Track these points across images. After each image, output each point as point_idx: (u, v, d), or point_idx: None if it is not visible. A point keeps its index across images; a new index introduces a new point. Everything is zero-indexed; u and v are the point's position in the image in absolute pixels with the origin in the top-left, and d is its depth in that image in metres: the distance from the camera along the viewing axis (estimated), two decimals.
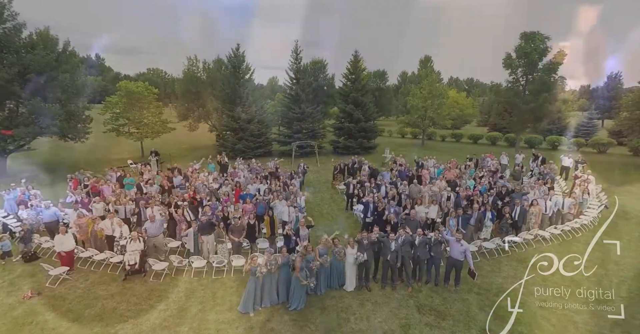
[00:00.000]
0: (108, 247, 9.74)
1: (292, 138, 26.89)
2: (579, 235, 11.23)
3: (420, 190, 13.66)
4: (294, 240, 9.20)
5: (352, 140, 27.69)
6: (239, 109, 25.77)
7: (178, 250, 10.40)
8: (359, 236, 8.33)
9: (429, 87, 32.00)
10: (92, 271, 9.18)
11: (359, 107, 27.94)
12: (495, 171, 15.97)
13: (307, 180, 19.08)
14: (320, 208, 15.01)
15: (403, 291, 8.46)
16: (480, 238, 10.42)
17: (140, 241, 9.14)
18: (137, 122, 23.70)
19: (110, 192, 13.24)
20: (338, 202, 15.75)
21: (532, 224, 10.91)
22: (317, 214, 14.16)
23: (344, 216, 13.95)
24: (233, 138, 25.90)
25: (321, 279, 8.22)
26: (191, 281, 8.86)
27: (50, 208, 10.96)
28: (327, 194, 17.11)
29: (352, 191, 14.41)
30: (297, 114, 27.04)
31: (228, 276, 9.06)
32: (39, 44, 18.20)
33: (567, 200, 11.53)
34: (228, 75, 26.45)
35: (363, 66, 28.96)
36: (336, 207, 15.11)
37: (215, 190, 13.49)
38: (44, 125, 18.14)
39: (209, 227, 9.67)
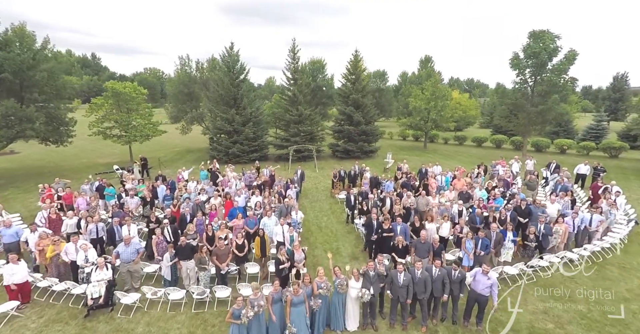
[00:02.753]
0: (72, 275, 8.42)
1: (289, 141, 25.61)
2: (609, 256, 9.98)
3: (428, 202, 12.39)
4: (287, 271, 7.92)
5: (352, 143, 26.40)
6: (233, 111, 24.46)
7: (155, 276, 9.09)
8: (364, 268, 7.03)
9: (431, 87, 30.78)
10: (50, 304, 7.84)
11: (360, 108, 26.66)
12: (510, 183, 14.69)
13: (305, 187, 17.80)
14: (318, 220, 13.71)
15: (416, 331, 7.18)
16: (501, 262, 9.16)
17: (107, 269, 7.83)
18: (125, 125, 22.32)
19: (86, 205, 11.94)
20: (337, 214, 14.46)
21: (557, 244, 9.67)
22: (314, 228, 12.89)
23: (345, 231, 12.66)
24: (227, 141, 24.57)
25: (318, 317, 6.93)
26: (167, 317, 7.55)
27: (11, 226, 9.60)
28: (326, 204, 15.82)
29: (354, 203, 13.15)
30: (294, 116, 25.73)
31: (210, 310, 7.76)
32: (14, 41, 16.81)
33: (596, 215, 10.27)
34: (222, 75, 25.08)
35: (363, 66, 27.66)
36: (335, 220, 13.82)
37: (202, 203, 12.17)
38: (20, 129, 16.74)
39: (188, 251, 8.36)
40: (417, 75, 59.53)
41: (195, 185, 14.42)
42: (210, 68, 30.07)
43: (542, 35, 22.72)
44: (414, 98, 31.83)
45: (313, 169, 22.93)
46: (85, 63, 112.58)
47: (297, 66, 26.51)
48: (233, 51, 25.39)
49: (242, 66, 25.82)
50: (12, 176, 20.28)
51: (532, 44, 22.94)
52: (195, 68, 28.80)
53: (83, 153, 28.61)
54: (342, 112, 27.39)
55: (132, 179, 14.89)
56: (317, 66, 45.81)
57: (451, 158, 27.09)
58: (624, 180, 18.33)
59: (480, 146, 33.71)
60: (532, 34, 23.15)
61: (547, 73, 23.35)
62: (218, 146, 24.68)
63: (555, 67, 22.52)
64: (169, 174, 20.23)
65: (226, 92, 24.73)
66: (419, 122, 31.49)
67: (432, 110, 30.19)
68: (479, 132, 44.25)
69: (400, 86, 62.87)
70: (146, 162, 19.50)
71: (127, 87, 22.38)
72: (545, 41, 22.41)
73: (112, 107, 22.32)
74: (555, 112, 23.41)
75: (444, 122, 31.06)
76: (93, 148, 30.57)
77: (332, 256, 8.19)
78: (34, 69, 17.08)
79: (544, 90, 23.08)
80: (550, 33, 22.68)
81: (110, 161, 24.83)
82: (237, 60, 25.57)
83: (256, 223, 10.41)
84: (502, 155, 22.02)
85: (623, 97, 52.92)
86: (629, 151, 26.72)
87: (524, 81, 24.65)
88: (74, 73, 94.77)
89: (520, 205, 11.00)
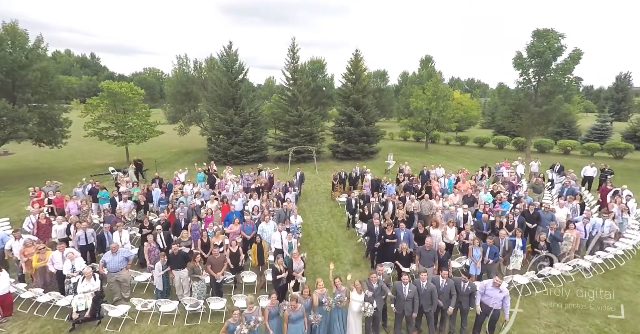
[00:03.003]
0: (58, 285, 7.99)
1: (289, 142, 25.18)
2: (622, 263, 9.54)
3: (432, 206, 11.96)
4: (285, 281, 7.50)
5: (353, 144, 25.97)
6: (232, 111, 24.02)
7: (147, 285, 8.66)
8: (366, 280, 6.60)
9: (433, 87, 30.36)
10: (34, 316, 7.40)
11: (360, 109, 26.23)
12: (515, 186, 14.26)
13: (304, 190, 17.38)
14: (318, 224, 13.29)
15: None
16: (510, 270, 8.73)
17: (95, 280, 7.41)
18: (121, 125, 21.88)
19: (77, 209, 11.50)
20: (338, 217, 14.03)
21: (568, 251, 9.24)
22: (314, 233, 12.47)
23: (345, 236, 12.23)
24: (225, 142, 24.14)
25: (318, 333, 6.50)
26: (158, 331, 7.12)
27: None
28: (326, 207, 15.39)
29: (355, 206, 12.72)
30: (294, 117, 25.29)
31: (204, 323, 7.33)
32: (5, 39, 16.36)
33: (608, 221, 9.83)
34: (220, 75, 24.64)
35: (364, 66, 27.22)
36: (336, 224, 13.39)
37: (197, 207, 11.73)
38: (12, 130, 16.30)
39: (181, 259, 7.92)
40: (417, 75, 59.13)
41: (192, 187, 14.00)
42: (208, 68, 29.64)
43: (546, 34, 22.28)
44: (415, 99, 31.40)
45: (313, 171, 22.51)
46: (85, 63, 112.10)
47: (297, 66, 26.06)
48: (231, 50, 24.94)
49: (240, 66, 25.38)
50: (5, 178, 19.83)
51: (536, 43, 22.49)
52: (193, 68, 28.34)
53: (79, 154, 28.18)
54: (342, 112, 26.95)
55: (127, 182, 14.46)
56: (317, 66, 45.34)
57: (453, 160, 26.66)
58: (631, 181, 17.86)
59: (482, 147, 33.27)
60: (536, 33, 22.72)
61: (551, 73, 22.93)
62: (216, 147, 24.25)
63: (560, 66, 22.08)
64: (166, 176, 19.79)
65: (224, 92, 24.29)
66: (420, 122, 31.04)
67: (433, 110, 29.76)
68: (480, 132, 43.80)
69: (400, 86, 62.54)
70: (141, 164, 19.04)
71: (124, 87, 21.94)
72: (549, 40, 21.98)
73: (107, 107, 21.87)
74: (560, 113, 22.98)
75: (446, 122, 30.62)
76: (89, 149, 30.12)
77: (334, 266, 7.75)
78: (27, 68, 16.65)
79: (548, 90, 22.63)
80: (554, 32, 22.25)
81: (106, 162, 24.42)
82: (236, 59, 25.13)
83: (253, 228, 9.98)
84: (505, 156, 21.57)
85: (626, 97, 52.47)
86: (635, 152, 26.27)
87: (528, 81, 24.22)
88: (73, 73, 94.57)
89: (528, 209, 10.56)
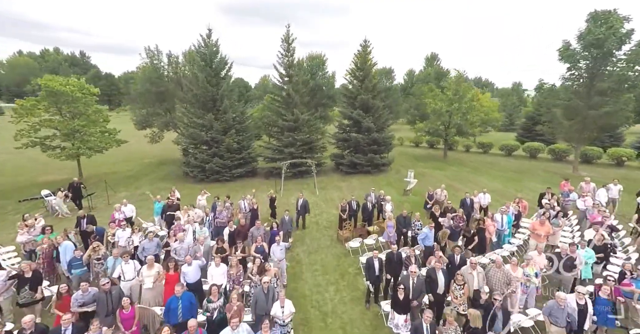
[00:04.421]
0: None
1: (283, 153, 20.42)
2: None
3: (508, 276, 7.23)
4: None
5: (361, 154, 21.22)
6: (211, 116, 19.23)
7: None
8: None
9: (454, 86, 25.62)
10: None
11: (370, 112, 21.49)
12: (614, 227, 9.54)
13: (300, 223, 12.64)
14: (320, 297, 8.47)
15: None
16: None
17: None
18: (66, 134, 17.09)
19: None
20: (350, 280, 9.26)
21: None
22: (314, 316, 7.67)
23: (366, 324, 7.45)
24: (203, 154, 19.36)
25: None
26: None
27: None
28: (331, 256, 10.59)
29: (378, 272, 7.97)
30: (289, 122, 20.52)
31: None
32: None
33: None
34: (197, 70, 19.83)
35: (373, 60, 22.43)
36: (348, 295, 8.56)
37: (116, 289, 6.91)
38: None
39: None
40: (425, 73, 54.41)
41: (129, 235, 9.22)
42: (188, 62, 24.79)
43: (607, 17, 17.60)
44: (432, 99, 26.64)
45: (312, 190, 17.79)
46: (74, 61, 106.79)
47: (292, 60, 21.25)
48: (211, 40, 20.13)
49: (222, 60, 20.58)
50: None
51: (593, 29, 17.79)
52: (167, 63, 23.44)
53: (24, 168, 23.14)
54: (347, 116, 22.20)
55: (31, 225, 9.54)
56: (316, 62, 40.33)
57: (481, 173, 21.91)
58: None
59: (509, 155, 28.51)
60: (593, 16, 18.03)
61: (611, 65, 18.22)
62: (192, 160, 19.45)
63: (628, 57, 17.33)
64: (127, 197, 15.06)
65: (202, 92, 19.49)
66: (439, 127, 26.27)
67: (454, 113, 25.03)
68: (497, 136, 39.11)
69: (406, 85, 57.81)
70: (80, 187, 14.18)
71: (70, 85, 17.13)
72: (612, 24, 17.28)
73: (49, 110, 17.06)
74: (625, 116, 18.25)
75: (470, 127, 25.84)
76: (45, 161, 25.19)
77: None
78: None
79: (610, 87, 17.86)
80: (617, 14, 17.56)
81: (54, 179, 19.59)
82: (217, 51, 20.32)
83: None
84: (557, 172, 16.83)
85: None
86: None
87: (579, 76, 19.49)
88: (61, 71, 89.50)
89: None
